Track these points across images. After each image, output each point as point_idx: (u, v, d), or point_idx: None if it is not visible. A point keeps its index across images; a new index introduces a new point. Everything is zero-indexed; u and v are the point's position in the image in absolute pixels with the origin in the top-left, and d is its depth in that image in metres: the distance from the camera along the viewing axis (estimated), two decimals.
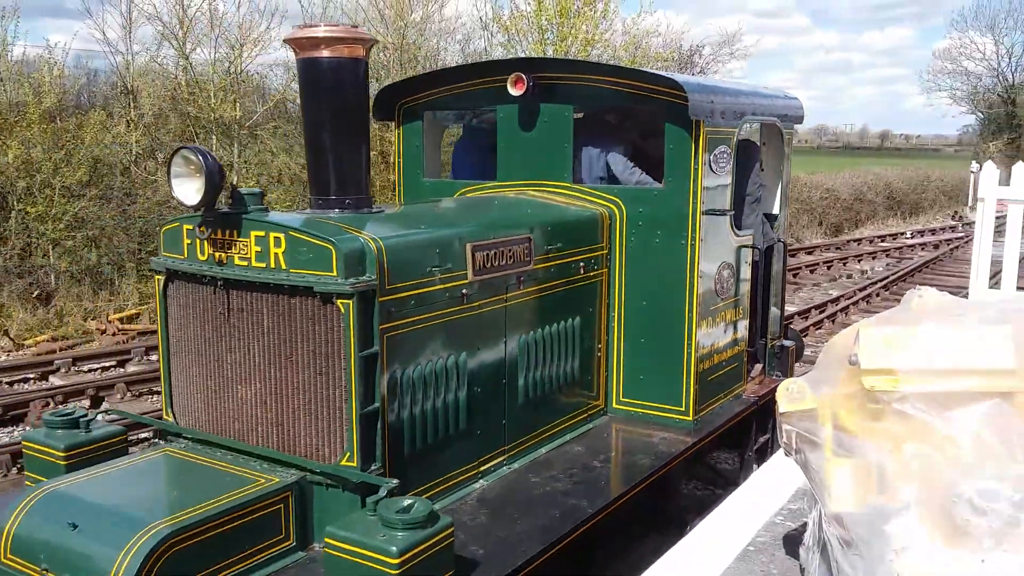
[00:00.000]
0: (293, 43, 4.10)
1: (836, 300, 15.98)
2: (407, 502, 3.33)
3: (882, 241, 26.19)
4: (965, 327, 2.63)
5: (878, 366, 2.60)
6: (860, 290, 16.94)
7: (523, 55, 19.51)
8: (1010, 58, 54.89)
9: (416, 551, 3.20)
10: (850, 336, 2.81)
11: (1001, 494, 2.43)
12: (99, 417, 4.45)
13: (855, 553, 2.62)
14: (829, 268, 20.43)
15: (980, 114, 57.25)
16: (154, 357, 11.51)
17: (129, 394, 9.96)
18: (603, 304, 5.48)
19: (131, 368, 11.19)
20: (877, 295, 16.65)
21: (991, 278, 8.36)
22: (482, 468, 4.63)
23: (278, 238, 3.80)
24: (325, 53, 4.03)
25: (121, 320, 13.62)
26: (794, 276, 18.51)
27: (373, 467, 3.83)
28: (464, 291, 4.33)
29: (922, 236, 27.57)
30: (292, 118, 20.52)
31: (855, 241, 25.48)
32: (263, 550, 3.60)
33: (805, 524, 2.94)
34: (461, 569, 3.55)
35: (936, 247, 24.81)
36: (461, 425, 4.40)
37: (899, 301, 3.20)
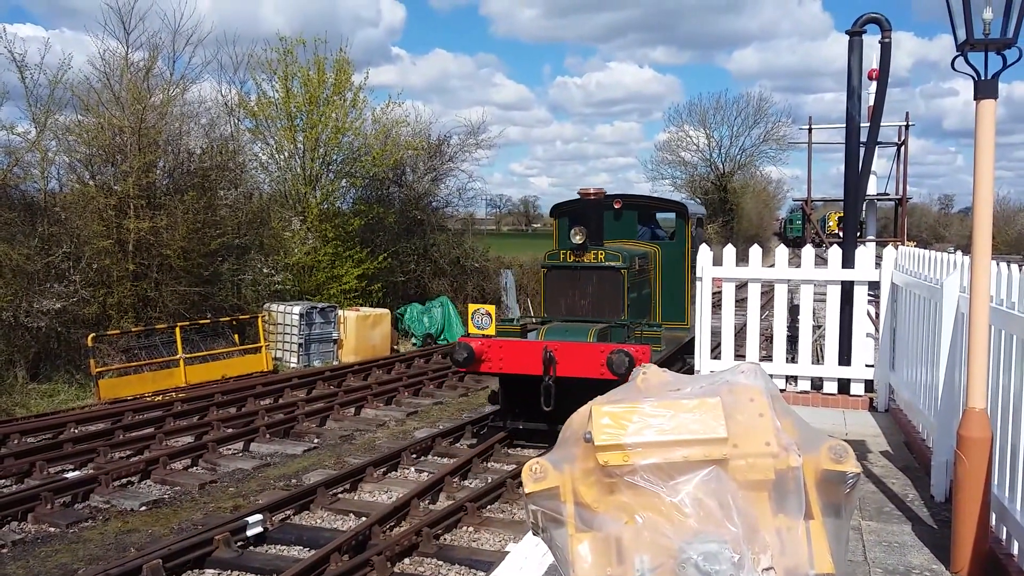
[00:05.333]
0: (583, 192, 11.04)
1: None
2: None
3: None
4: (682, 401, 2.86)
5: (609, 442, 2.76)
6: None
7: (271, 142, 19.37)
8: (720, 150, 61.65)
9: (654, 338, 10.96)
10: (585, 415, 2.96)
11: (722, 556, 2.63)
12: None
13: None
14: None
15: (698, 200, 63.46)
16: None
17: None
18: (653, 286, 12.20)
19: None
20: None
21: (713, 349, 9.15)
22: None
23: (602, 252, 10.87)
24: (592, 196, 11.00)
25: None
26: None
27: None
28: (637, 272, 11.21)
29: None
30: (15, 204, 18.76)
31: None
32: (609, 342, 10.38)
33: None
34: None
35: None
36: (643, 315, 11.59)
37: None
